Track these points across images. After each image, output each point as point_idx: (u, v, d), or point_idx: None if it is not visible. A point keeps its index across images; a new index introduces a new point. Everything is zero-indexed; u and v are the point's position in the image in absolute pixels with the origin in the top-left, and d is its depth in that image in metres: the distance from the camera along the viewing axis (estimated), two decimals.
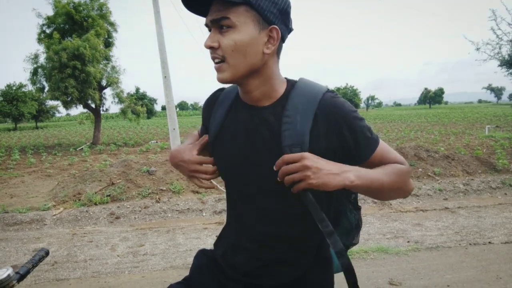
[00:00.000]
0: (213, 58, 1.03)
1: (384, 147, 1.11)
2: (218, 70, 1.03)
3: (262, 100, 1.09)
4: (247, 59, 1.00)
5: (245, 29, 0.98)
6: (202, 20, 1.07)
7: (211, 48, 1.01)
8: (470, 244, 4.26)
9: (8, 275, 0.99)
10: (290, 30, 1.07)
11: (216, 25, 0.99)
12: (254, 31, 0.98)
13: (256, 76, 1.05)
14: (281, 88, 1.10)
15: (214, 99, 1.24)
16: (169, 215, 5.79)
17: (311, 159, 0.95)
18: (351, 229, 1.26)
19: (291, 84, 1.11)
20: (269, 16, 0.99)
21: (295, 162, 0.95)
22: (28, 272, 1.07)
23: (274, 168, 0.98)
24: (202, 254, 1.34)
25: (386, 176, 1.04)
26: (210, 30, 1.03)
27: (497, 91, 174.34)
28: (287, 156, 0.96)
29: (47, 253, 1.17)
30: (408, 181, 1.11)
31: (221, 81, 1.04)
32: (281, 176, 0.96)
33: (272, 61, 1.06)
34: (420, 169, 7.39)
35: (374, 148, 1.08)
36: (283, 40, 1.06)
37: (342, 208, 1.23)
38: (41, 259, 1.14)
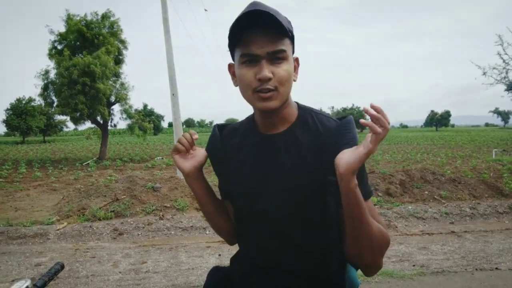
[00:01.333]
0: (264, 89, 1.04)
1: (373, 207, 1.08)
2: (269, 98, 1.05)
3: (277, 125, 1.15)
4: (290, 87, 1.08)
5: (291, 60, 1.07)
6: (210, 40, 1.10)
7: (269, 79, 1.03)
8: (476, 269, 4.19)
9: (27, 287, 1.02)
10: None
11: (269, 57, 1.03)
12: (292, 61, 1.08)
13: (286, 102, 1.12)
14: (294, 113, 1.17)
15: (218, 137, 1.27)
16: (173, 232, 5.77)
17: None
18: None
19: (302, 109, 1.18)
20: (294, 47, 1.10)
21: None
22: (44, 284, 1.10)
23: (367, 109, 0.93)
24: (216, 272, 1.34)
25: (373, 223, 1.00)
26: (251, 60, 1.04)
27: (504, 115, 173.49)
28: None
29: (62, 267, 1.21)
30: (383, 250, 1.04)
31: (271, 109, 1.06)
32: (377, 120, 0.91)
33: None
34: (426, 192, 7.34)
35: (364, 198, 1.01)
36: None
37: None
38: (56, 272, 1.17)
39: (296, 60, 1.11)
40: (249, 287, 1.21)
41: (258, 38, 1.02)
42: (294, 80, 1.10)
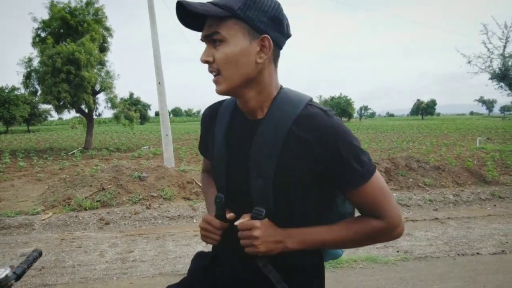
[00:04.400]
0: (210, 72, 1.05)
1: (375, 189, 1.04)
2: (215, 83, 1.05)
3: (257, 111, 1.09)
4: (240, 70, 1.01)
5: (235, 41, 0.99)
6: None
7: (206, 62, 1.03)
8: (458, 254, 4.29)
9: (6, 275, 1.02)
10: (287, 36, 1.07)
11: (209, 40, 1.02)
12: (244, 42, 0.99)
13: (252, 86, 1.05)
14: (271, 99, 1.09)
15: (214, 113, 1.23)
16: (160, 221, 5.77)
17: (260, 229, 1.02)
18: (344, 215, 1.21)
19: (281, 95, 1.09)
20: (259, 26, 0.99)
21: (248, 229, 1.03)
22: (24, 272, 1.10)
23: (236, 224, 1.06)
24: (199, 257, 1.34)
25: (347, 235, 1.07)
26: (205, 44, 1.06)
27: (489, 104, 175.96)
28: (240, 225, 1.04)
29: (40, 254, 1.20)
30: (384, 238, 1.10)
31: (219, 93, 1.05)
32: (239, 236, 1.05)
33: (268, 70, 1.05)
34: (411, 180, 7.45)
35: (358, 184, 1.02)
36: (279, 47, 1.06)
37: (331, 199, 1.19)
38: (35, 259, 1.17)
39: (262, 39, 1.01)
40: (228, 274, 1.21)
41: (206, 24, 1.02)
42: (259, 62, 1.02)
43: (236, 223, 1.05)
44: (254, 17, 0.99)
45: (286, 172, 1.03)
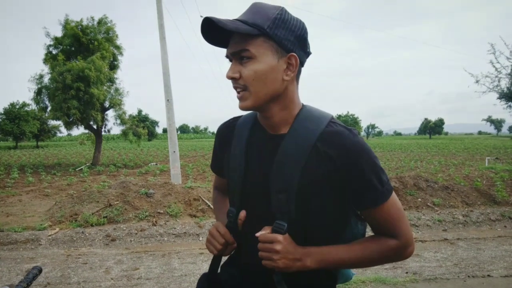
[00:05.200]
0: (235, 88, 1.07)
1: (392, 208, 1.06)
2: (241, 99, 1.07)
3: (280, 126, 1.11)
4: (268, 86, 1.03)
5: (264, 59, 1.02)
6: (207, 46, 1.10)
7: (232, 78, 1.05)
8: (468, 276, 4.20)
9: None
10: (308, 54, 1.11)
11: (237, 57, 1.04)
12: (273, 60, 1.02)
13: (277, 102, 1.08)
14: (294, 116, 1.11)
15: (231, 129, 1.25)
16: (166, 238, 5.74)
17: (281, 244, 1.01)
18: (357, 236, 1.21)
19: (303, 113, 1.12)
20: (286, 44, 1.02)
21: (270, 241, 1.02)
22: None
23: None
24: (204, 280, 1.33)
25: (363, 254, 1.07)
26: (230, 61, 1.07)
27: (497, 123, 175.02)
28: (261, 236, 1.03)
29: (40, 271, 1.17)
30: (397, 257, 1.10)
31: (244, 108, 1.07)
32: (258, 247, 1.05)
33: (292, 87, 1.08)
34: (419, 199, 7.36)
35: (378, 203, 1.04)
36: (302, 64, 1.09)
37: (348, 217, 1.19)
38: (34, 277, 1.13)
39: (289, 58, 1.04)
40: None
41: (231, 40, 1.05)
42: (286, 79, 1.05)
43: (257, 234, 1.04)
44: (282, 36, 1.02)
45: (309, 187, 1.04)
